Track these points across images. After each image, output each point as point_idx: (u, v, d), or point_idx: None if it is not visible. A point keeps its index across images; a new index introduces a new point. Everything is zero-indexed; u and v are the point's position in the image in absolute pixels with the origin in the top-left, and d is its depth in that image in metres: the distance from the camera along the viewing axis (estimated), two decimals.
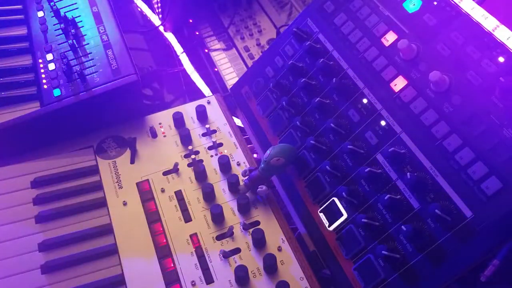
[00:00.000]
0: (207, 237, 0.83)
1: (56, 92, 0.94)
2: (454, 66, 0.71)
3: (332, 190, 0.79)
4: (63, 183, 0.91)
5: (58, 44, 1.03)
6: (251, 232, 0.81)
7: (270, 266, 0.77)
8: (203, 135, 0.98)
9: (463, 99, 0.68)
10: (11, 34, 1.10)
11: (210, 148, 0.96)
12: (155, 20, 1.40)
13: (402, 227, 0.67)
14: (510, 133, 0.63)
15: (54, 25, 1.07)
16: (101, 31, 1.03)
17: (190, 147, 0.95)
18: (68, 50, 1.00)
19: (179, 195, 0.88)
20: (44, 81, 0.97)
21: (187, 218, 0.85)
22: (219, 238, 0.83)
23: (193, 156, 0.92)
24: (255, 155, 0.99)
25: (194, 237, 0.83)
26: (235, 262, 0.79)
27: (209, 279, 0.78)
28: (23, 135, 0.93)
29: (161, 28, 1.38)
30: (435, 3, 0.77)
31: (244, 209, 0.85)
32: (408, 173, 0.68)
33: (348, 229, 0.75)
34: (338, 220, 0.76)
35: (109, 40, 1.01)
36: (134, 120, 1.00)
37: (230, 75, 1.25)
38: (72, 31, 1.02)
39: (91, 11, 1.08)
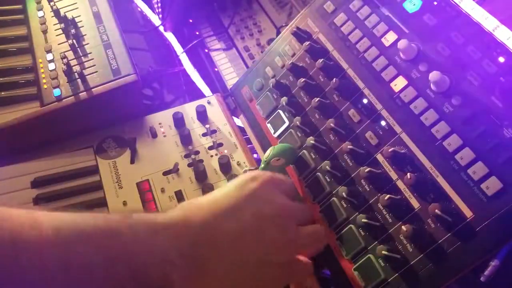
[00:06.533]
0: None
1: (56, 92, 0.94)
2: (454, 66, 0.71)
3: (332, 190, 0.79)
4: (63, 183, 0.91)
5: (58, 44, 1.03)
6: None
7: None
8: (203, 135, 0.98)
9: (463, 99, 0.68)
10: (11, 34, 1.10)
11: (210, 148, 0.96)
12: (155, 20, 1.40)
13: (402, 227, 0.67)
14: (510, 133, 0.63)
15: (54, 25, 1.07)
16: (101, 31, 1.04)
17: (190, 147, 0.95)
18: (68, 50, 1.00)
19: (179, 195, 0.88)
20: (44, 81, 0.97)
21: None
22: None
23: (193, 156, 0.92)
24: (255, 155, 0.99)
25: None
26: None
27: None
28: (23, 135, 0.93)
29: (161, 28, 1.39)
30: (435, 3, 0.77)
31: None
32: (408, 173, 0.68)
33: (348, 229, 0.75)
34: (338, 220, 0.76)
35: (109, 40, 1.01)
36: (134, 120, 1.00)
37: (230, 75, 1.25)
38: (72, 31, 1.02)
39: (91, 11, 1.08)
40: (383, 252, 0.67)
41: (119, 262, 0.51)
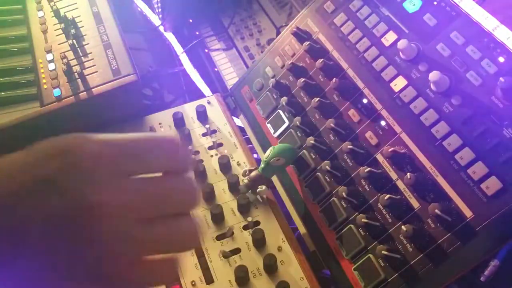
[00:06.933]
0: (207, 237, 0.83)
1: (56, 92, 0.94)
2: (454, 66, 0.71)
3: (332, 190, 0.79)
4: None
5: (58, 44, 1.03)
6: (251, 232, 0.81)
7: (270, 266, 0.77)
8: (203, 135, 0.98)
9: (463, 99, 0.68)
10: (11, 34, 1.10)
11: (210, 148, 0.95)
12: (155, 20, 1.40)
13: (402, 227, 0.67)
14: (510, 133, 0.63)
15: (54, 25, 1.07)
16: (101, 31, 1.03)
17: (190, 147, 0.95)
18: (68, 50, 1.00)
19: None
20: (44, 81, 0.97)
21: None
22: (219, 238, 0.82)
23: (193, 156, 0.92)
24: (255, 155, 0.99)
25: None
26: (235, 262, 0.79)
27: (209, 279, 0.78)
28: (23, 135, 0.93)
29: (161, 28, 1.39)
30: (435, 3, 0.77)
31: (244, 209, 0.85)
32: (408, 173, 0.68)
33: (348, 229, 0.75)
34: (338, 220, 0.76)
35: (109, 40, 1.01)
36: (134, 120, 1.00)
37: (230, 75, 1.25)
38: (72, 31, 1.02)
39: (91, 11, 1.08)
40: (383, 252, 0.67)
41: None
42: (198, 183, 0.89)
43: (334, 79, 0.82)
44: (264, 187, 0.84)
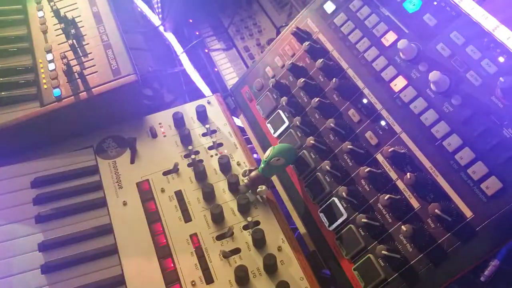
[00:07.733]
0: (207, 237, 0.83)
1: (56, 92, 0.94)
2: (454, 66, 0.71)
3: (332, 190, 0.79)
4: (63, 183, 0.91)
5: (58, 44, 1.03)
6: (251, 232, 0.81)
7: (270, 266, 0.77)
8: (203, 135, 0.98)
9: (463, 99, 0.68)
10: (11, 34, 1.10)
11: (210, 148, 0.96)
12: (155, 20, 1.40)
13: (402, 227, 0.67)
14: (510, 133, 0.63)
15: (54, 25, 1.07)
16: (101, 31, 1.03)
17: (190, 147, 0.95)
18: (68, 50, 1.00)
19: (179, 195, 0.88)
20: (44, 81, 0.97)
21: (187, 218, 0.85)
22: (219, 238, 0.83)
23: (193, 156, 0.92)
24: (255, 155, 0.99)
25: (194, 237, 0.83)
26: (235, 262, 0.79)
27: (209, 279, 0.78)
28: (23, 135, 0.93)
29: (161, 28, 1.39)
30: (435, 3, 0.77)
31: (244, 209, 0.85)
32: (408, 173, 0.68)
33: (348, 229, 0.75)
34: (338, 220, 0.76)
35: (109, 40, 1.01)
36: (134, 120, 1.00)
37: (230, 75, 1.25)
38: (72, 31, 1.02)
39: (91, 11, 1.08)
40: (383, 252, 0.67)
41: None
42: (198, 183, 0.89)
43: (334, 79, 0.82)
44: (264, 187, 0.84)
